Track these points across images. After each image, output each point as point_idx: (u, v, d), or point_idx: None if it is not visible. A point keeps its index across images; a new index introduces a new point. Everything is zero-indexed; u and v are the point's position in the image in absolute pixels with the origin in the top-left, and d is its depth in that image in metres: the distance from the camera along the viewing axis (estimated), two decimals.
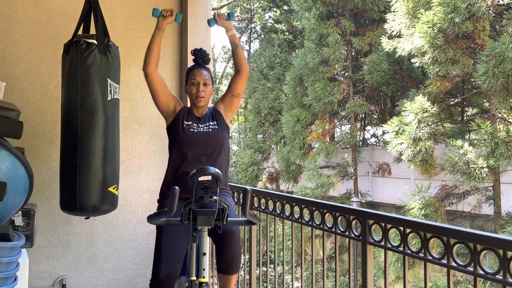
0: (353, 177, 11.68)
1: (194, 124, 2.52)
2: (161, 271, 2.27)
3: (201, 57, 2.60)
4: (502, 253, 1.58)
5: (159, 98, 2.53)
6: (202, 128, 2.51)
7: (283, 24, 17.07)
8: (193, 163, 2.44)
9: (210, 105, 2.71)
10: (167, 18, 2.49)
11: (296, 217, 2.68)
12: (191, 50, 2.68)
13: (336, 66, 11.45)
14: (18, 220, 2.79)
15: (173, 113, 2.55)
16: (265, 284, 9.03)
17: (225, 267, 2.37)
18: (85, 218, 2.99)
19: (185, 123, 2.52)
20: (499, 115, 9.07)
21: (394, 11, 8.77)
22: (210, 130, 2.52)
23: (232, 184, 3.22)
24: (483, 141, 7.54)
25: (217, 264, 2.40)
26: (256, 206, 3.05)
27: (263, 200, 2.99)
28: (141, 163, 3.53)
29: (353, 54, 12.14)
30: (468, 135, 9.95)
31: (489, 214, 8.65)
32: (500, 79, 7.15)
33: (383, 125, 9.69)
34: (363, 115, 13.80)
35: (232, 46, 2.59)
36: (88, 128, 2.55)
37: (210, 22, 2.57)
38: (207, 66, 2.62)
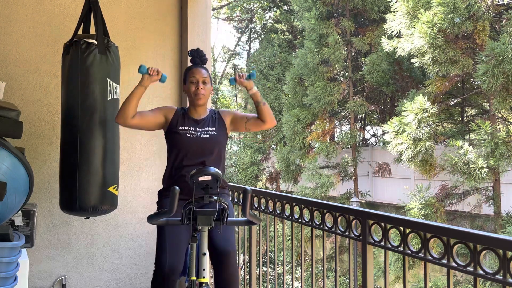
0: (353, 177, 11.68)
1: (191, 129, 2.48)
2: (166, 263, 2.24)
3: (199, 56, 2.59)
4: (502, 253, 1.58)
5: (148, 129, 2.54)
6: (199, 133, 2.47)
7: (283, 24, 17.07)
8: (189, 168, 2.41)
9: (212, 105, 2.69)
10: (152, 76, 2.44)
11: (296, 217, 2.68)
12: (188, 51, 2.66)
13: (336, 66, 11.45)
14: (18, 220, 2.79)
15: (166, 123, 2.52)
16: (265, 284, 9.03)
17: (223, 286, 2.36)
18: (85, 218, 2.99)
19: (181, 128, 2.48)
20: (499, 115, 9.07)
21: (394, 11, 8.77)
22: (208, 136, 2.48)
23: (232, 184, 3.21)
24: (483, 141, 7.54)
25: (215, 284, 2.38)
26: (256, 206, 3.05)
27: (263, 200, 2.99)
28: (141, 163, 3.53)
29: (353, 54, 12.14)
30: (468, 135, 9.95)
31: (489, 214, 8.65)
32: (500, 79, 7.15)
33: (383, 125, 9.69)
34: (363, 115, 13.80)
35: (255, 104, 2.51)
36: (88, 128, 2.55)
37: (230, 81, 2.53)
38: (205, 66, 2.62)
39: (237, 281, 2.37)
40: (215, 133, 2.50)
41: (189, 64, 2.64)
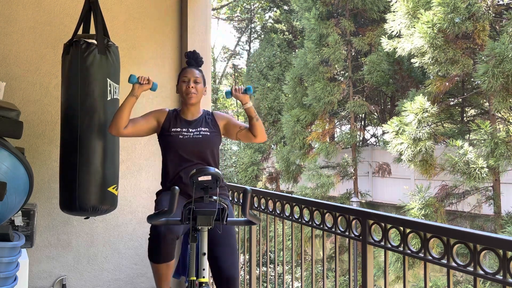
0: (353, 177, 11.68)
1: (183, 130, 2.49)
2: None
3: (194, 58, 2.61)
4: (502, 253, 1.58)
5: (142, 135, 2.57)
6: (192, 134, 2.48)
7: (283, 24, 17.06)
8: (184, 169, 2.43)
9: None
10: (143, 85, 2.45)
11: (296, 217, 2.68)
12: (185, 53, 2.68)
13: (336, 66, 11.45)
14: (18, 220, 2.79)
15: (158, 127, 2.55)
16: (265, 284, 9.03)
17: None
18: (85, 218, 2.99)
19: (173, 129, 2.50)
20: (499, 115, 9.07)
21: (394, 11, 8.78)
22: (201, 136, 2.49)
23: (232, 184, 3.21)
24: (483, 141, 7.55)
25: None
26: (256, 206, 3.05)
27: (263, 200, 2.99)
28: (141, 163, 3.53)
29: (353, 54, 12.14)
30: (468, 135, 9.96)
31: (489, 214, 8.66)
32: (500, 79, 7.15)
33: (383, 125, 9.69)
34: (363, 115, 13.80)
35: (249, 118, 2.52)
36: (88, 128, 2.55)
37: (226, 94, 2.54)
38: (199, 68, 2.63)
39: None
40: (208, 133, 2.51)
41: None
